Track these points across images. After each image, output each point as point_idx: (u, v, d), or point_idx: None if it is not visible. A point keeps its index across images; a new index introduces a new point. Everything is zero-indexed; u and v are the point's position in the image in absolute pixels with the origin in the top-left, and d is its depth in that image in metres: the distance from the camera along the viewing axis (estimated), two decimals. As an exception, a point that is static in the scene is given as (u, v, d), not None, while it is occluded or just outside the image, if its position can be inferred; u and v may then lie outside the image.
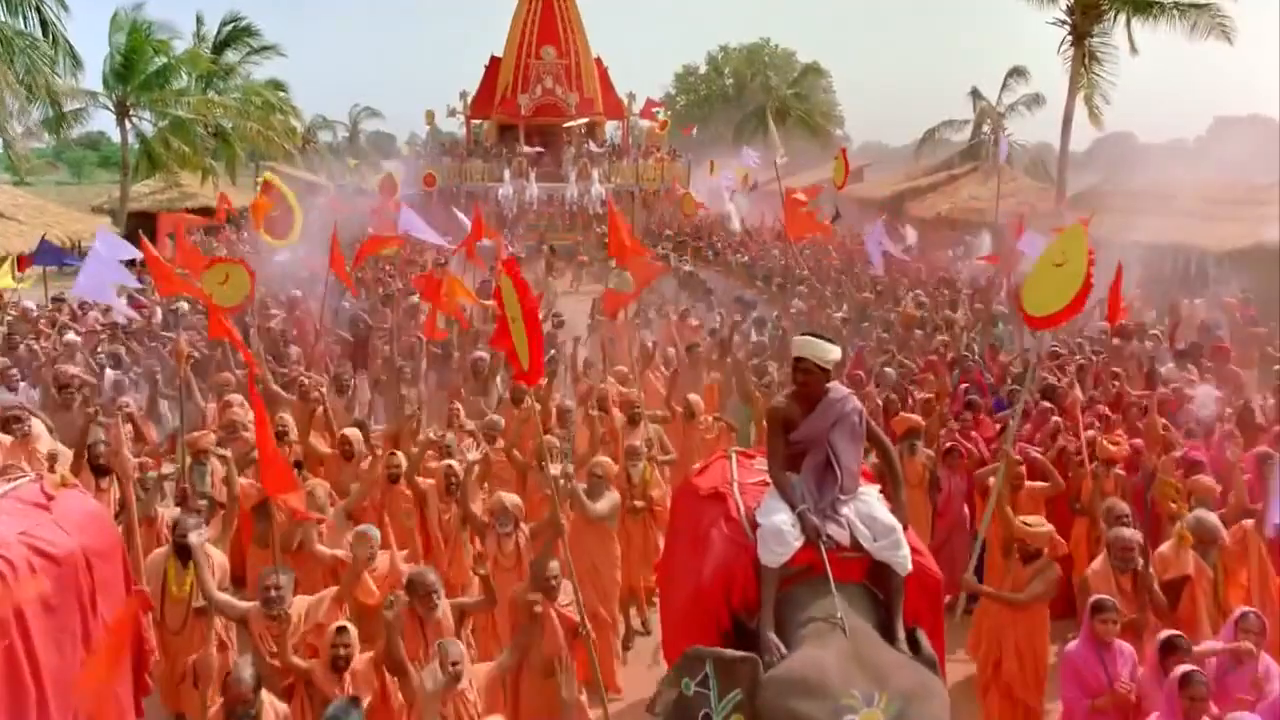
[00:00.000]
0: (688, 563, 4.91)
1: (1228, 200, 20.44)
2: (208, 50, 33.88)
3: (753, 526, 4.41)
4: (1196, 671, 4.49)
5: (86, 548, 4.90)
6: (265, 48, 35.66)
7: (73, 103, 28.10)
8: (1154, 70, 52.41)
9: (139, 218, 29.57)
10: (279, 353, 11.34)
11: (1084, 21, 27.61)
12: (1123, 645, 5.08)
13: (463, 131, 42.11)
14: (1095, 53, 28.03)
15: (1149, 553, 5.83)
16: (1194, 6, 26.20)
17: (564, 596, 5.61)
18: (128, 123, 29.70)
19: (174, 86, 30.38)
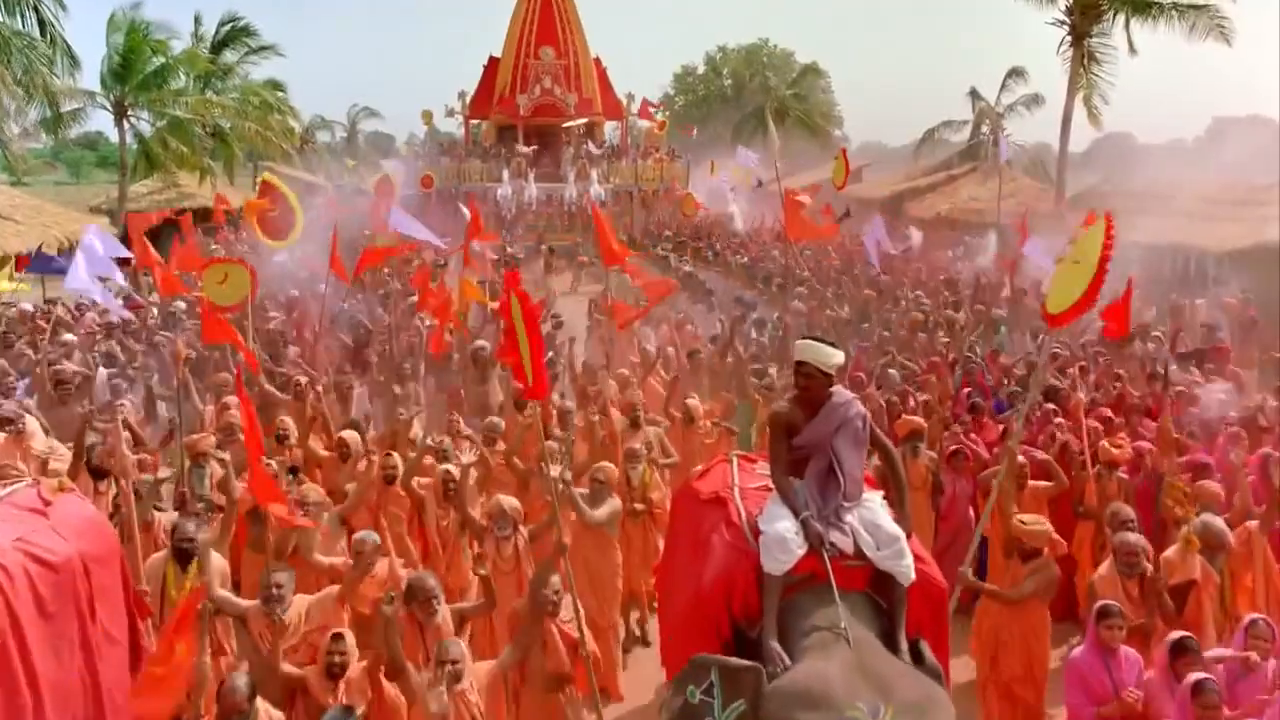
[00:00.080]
0: (688, 568, 4.86)
1: (1228, 200, 20.42)
2: (206, 50, 33.80)
3: (754, 533, 4.37)
4: (1209, 680, 4.45)
5: (84, 554, 4.84)
6: (263, 48, 35.61)
7: (70, 103, 28.06)
8: (1152, 71, 52.55)
9: (138, 218, 29.56)
10: (277, 353, 11.30)
11: (1083, 22, 27.62)
12: (1128, 651, 5.03)
13: (461, 132, 42.08)
14: (1094, 53, 28.05)
15: (1156, 557, 5.79)
16: (1193, 7, 26.22)
17: (565, 612, 5.54)
18: (126, 123, 29.64)
19: (172, 86, 30.32)
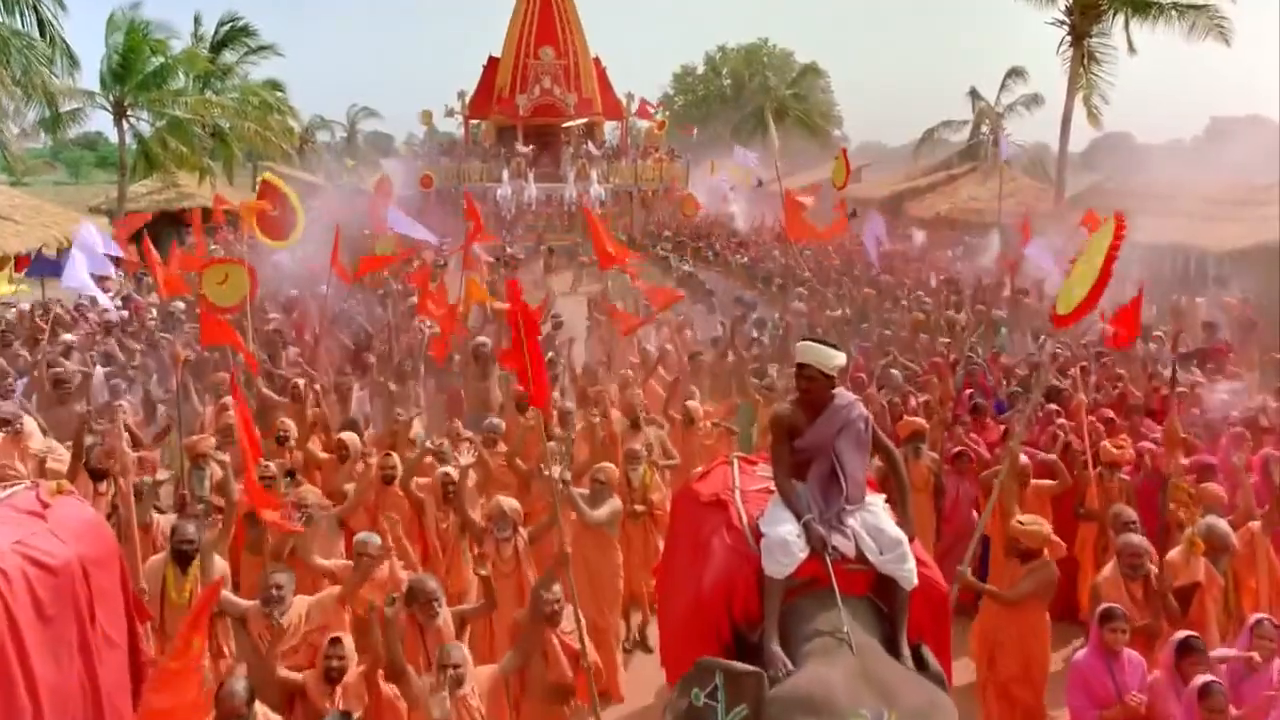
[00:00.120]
0: (688, 571, 4.83)
1: (1228, 200, 20.41)
2: (205, 50, 33.78)
3: (755, 536, 4.35)
4: (1216, 683, 4.43)
5: (83, 556, 4.82)
6: (263, 48, 35.58)
7: (70, 103, 28.01)
8: (1151, 71, 52.56)
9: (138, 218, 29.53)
10: (275, 354, 11.27)
11: (1083, 21, 27.63)
12: (1131, 654, 5.01)
13: (461, 132, 42.05)
14: (1094, 53, 28.05)
15: (1161, 559, 5.76)
16: (1192, 7, 26.25)
17: (567, 623, 5.49)
18: (125, 123, 29.61)
19: (171, 86, 30.29)
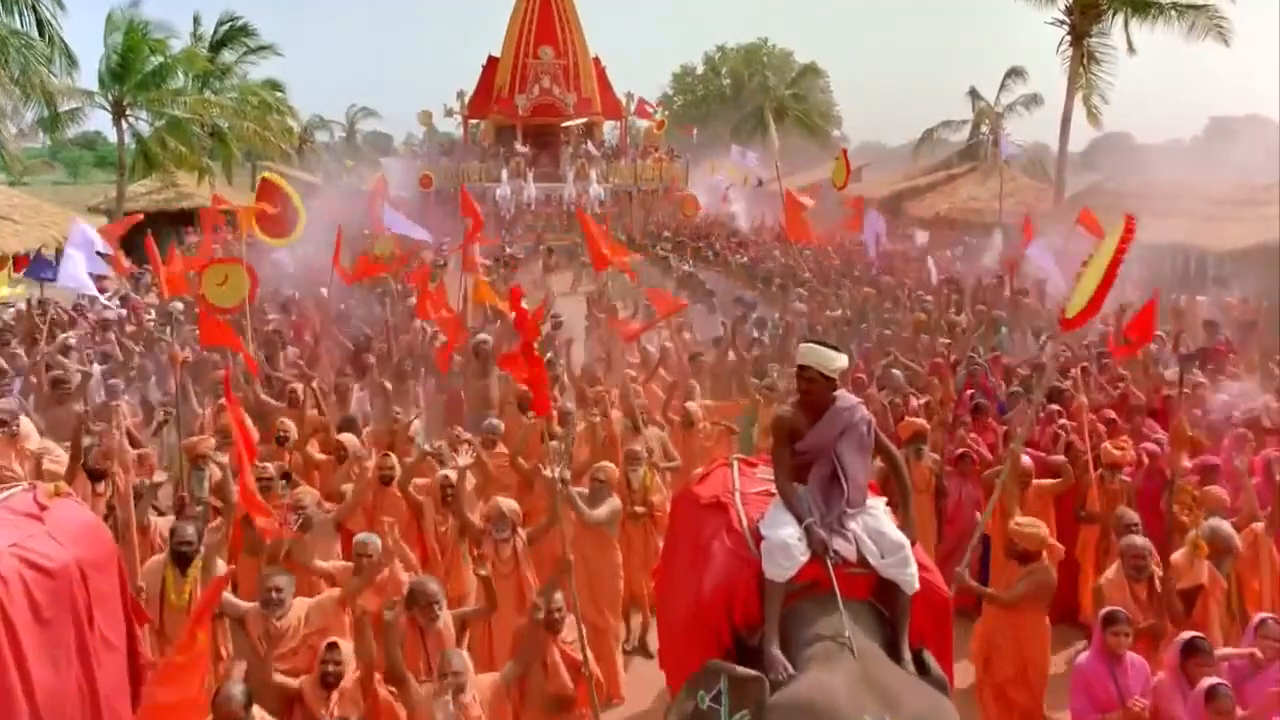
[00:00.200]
0: (687, 574, 4.81)
1: (1228, 200, 20.42)
2: (204, 50, 33.75)
3: (756, 539, 4.32)
4: (1223, 684, 4.41)
5: (81, 559, 4.80)
6: (262, 47, 35.55)
7: (68, 102, 27.97)
8: (1150, 71, 52.60)
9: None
10: (274, 355, 11.23)
11: (1083, 21, 27.64)
12: (1134, 658, 4.98)
13: (460, 132, 42.02)
14: (1094, 53, 28.06)
15: (1163, 560, 5.73)
16: (1191, 7, 26.28)
17: (569, 633, 5.46)
18: (124, 122, 29.59)
19: (170, 86, 30.26)
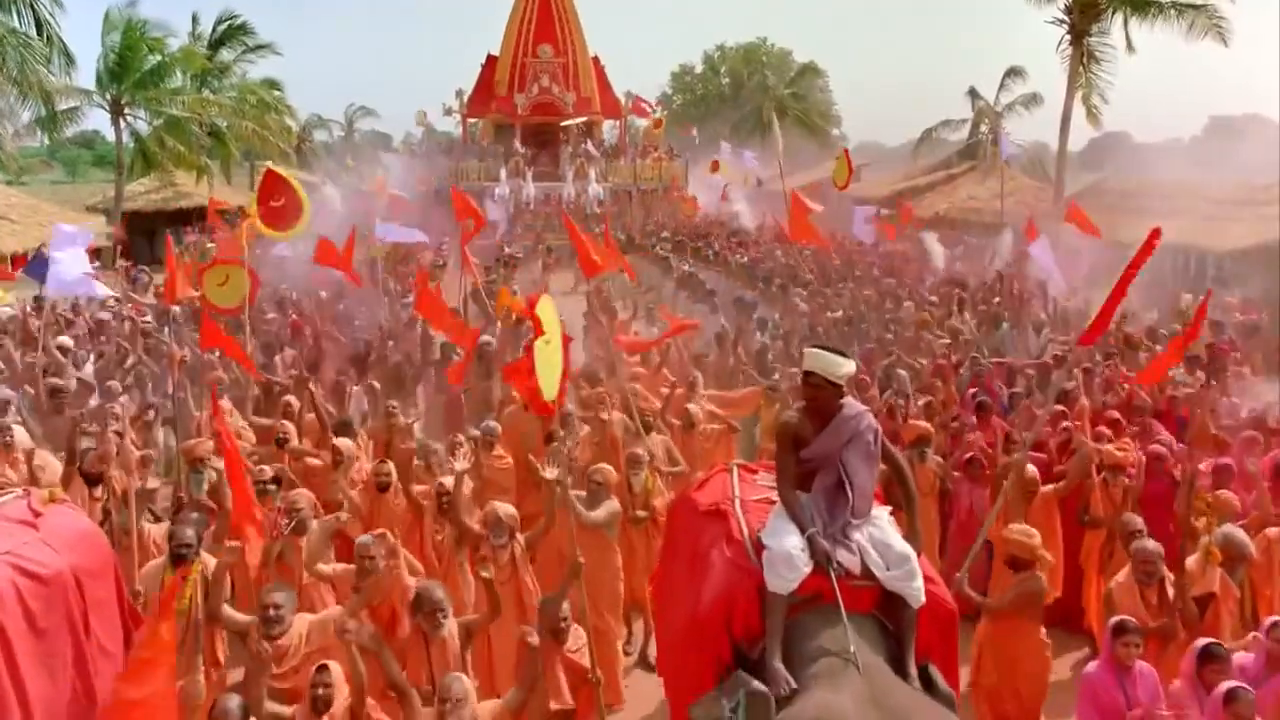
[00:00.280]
0: (686, 583, 4.73)
1: (1229, 200, 20.41)
2: (203, 49, 33.72)
3: (757, 549, 4.23)
4: (1242, 688, 4.35)
5: (77, 567, 4.74)
6: (260, 46, 35.59)
7: (66, 101, 27.98)
8: (1150, 70, 52.56)
9: (135, 217, 29.47)
10: (272, 359, 11.16)
11: (1082, 21, 27.64)
12: (1143, 667, 4.92)
13: (459, 131, 41.98)
14: (1093, 52, 28.05)
15: (1171, 562, 5.66)
16: (1191, 7, 26.30)
17: (572, 641, 5.40)
18: (122, 121, 29.54)
19: (168, 85, 30.25)
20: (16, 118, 24.97)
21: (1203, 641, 4.80)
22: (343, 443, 8.00)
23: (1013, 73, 36.99)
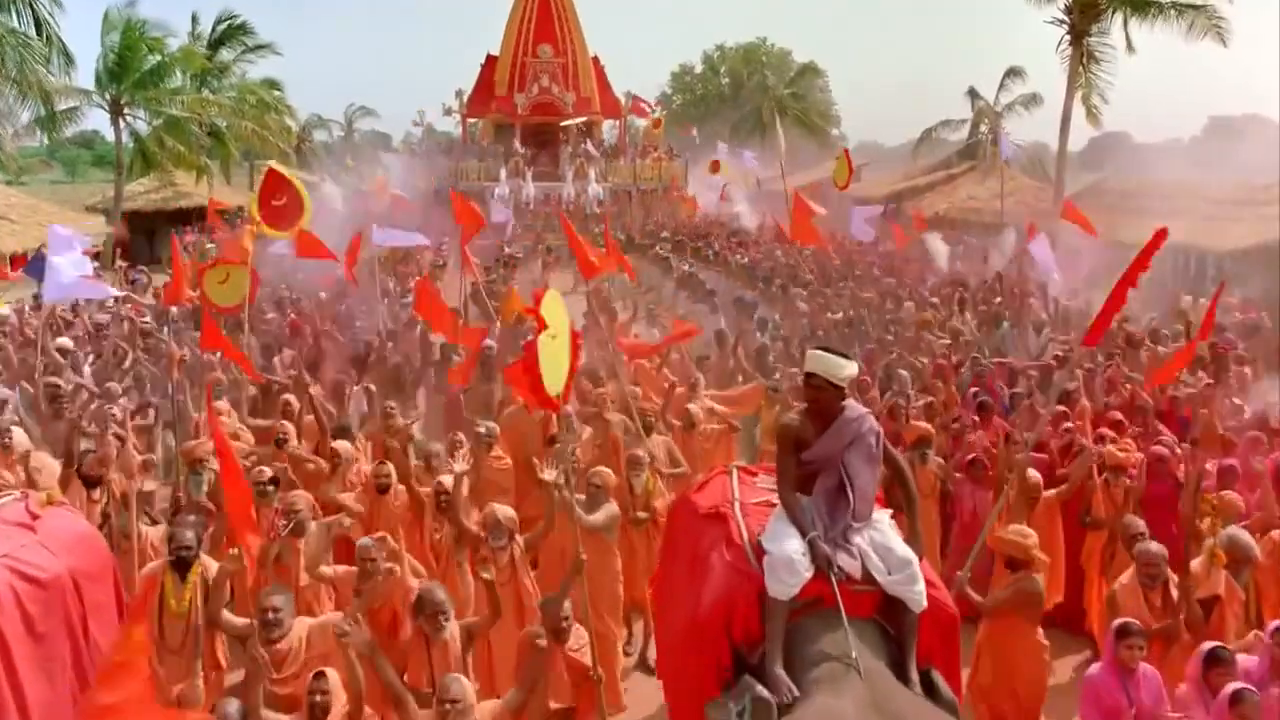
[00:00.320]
0: (685, 587, 4.71)
1: (1228, 200, 20.40)
2: (202, 48, 33.71)
3: (757, 552, 4.20)
4: (1247, 689, 4.33)
5: (75, 570, 4.73)
6: (260, 46, 35.61)
7: (66, 101, 27.98)
8: (1150, 70, 52.56)
9: (134, 217, 29.46)
10: (270, 360, 11.13)
11: (1082, 21, 27.63)
12: (1146, 669, 4.90)
13: (459, 130, 41.97)
14: (1093, 52, 28.04)
15: (1175, 563, 5.64)
16: (1190, 7, 26.30)
17: (575, 640, 5.36)
18: (122, 121, 29.52)
19: (168, 85, 30.24)
20: (16, 118, 25.02)
21: (1208, 645, 4.77)
22: (341, 445, 7.98)
23: (1012, 73, 37.01)
